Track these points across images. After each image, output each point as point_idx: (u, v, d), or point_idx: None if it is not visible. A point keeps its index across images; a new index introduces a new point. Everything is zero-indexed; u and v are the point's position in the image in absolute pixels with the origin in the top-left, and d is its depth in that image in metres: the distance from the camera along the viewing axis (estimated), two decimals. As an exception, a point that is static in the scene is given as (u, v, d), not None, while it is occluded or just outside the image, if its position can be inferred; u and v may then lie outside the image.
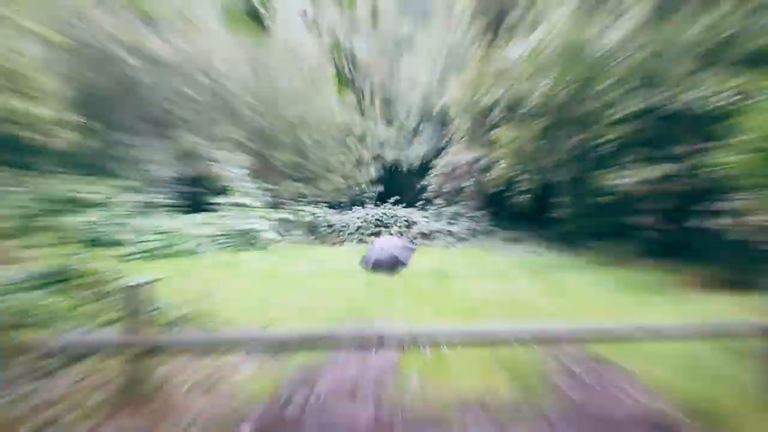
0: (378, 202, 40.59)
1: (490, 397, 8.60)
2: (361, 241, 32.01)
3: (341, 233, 35.15)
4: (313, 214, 35.72)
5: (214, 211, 30.51)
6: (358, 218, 36.83)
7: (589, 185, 23.74)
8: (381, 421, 7.72)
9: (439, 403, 8.32)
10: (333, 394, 8.92)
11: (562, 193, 26.81)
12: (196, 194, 31.58)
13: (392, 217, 37.16)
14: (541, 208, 29.38)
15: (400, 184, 41.97)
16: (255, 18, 7.73)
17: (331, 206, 38.03)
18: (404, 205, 39.53)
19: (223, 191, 31.83)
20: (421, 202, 39.54)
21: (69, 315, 10.61)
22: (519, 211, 31.03)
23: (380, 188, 41.85)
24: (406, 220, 36.59)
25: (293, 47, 35.75)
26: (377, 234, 33.03)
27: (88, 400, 7.49)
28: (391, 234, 32.73)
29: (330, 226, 35.61)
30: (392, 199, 40.28)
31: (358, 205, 39.47)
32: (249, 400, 8.46)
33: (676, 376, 9.31)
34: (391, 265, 21.38)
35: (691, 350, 9.98)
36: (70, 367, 8.52)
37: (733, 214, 13.53)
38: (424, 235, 34.25)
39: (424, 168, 40.39)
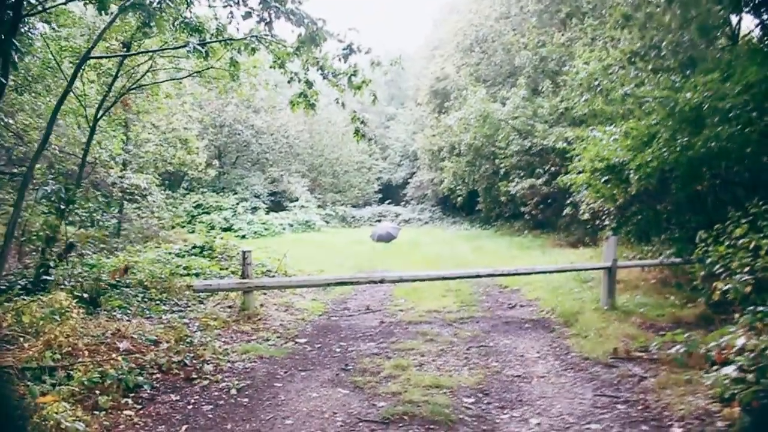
0: (379, 203, 40.58)
1: (444, 309, 8.53)
2: (370, 224, 31.92)
3: (359, 221, 35.15)
4: (344, 210, 35.65)
5: (290, 210, 30.53)
6: (369, 212, 36.81)
7: (495, 191, 23.71)
8: (384, 323, 7.65)
9: (416, 313, 8.24)
10: (356, 310, 8.84)
11: (480, 195, 26.78)
12: (279, 201, 31.53)
13: (387, 211, 37.16)
14: (470, 204, 29.35)
15: (391, 193, 41.90)
16: (308, 102, 7.66)
17: (354, 206, 38.02)
18: (394, 204, 39.50)
19: (294, 199, 31.85)
20: (403, 203, 39.47)
21: (210, 269, 10.57)
22: (457, 206, 31.01)
23: (380, 195, 41.80)
24: (395, 213, 36.58)
25: (331, 117, 35.94)
26: (379, 221, 32.92)
27: (222, 314, 7.44)
28: (387, 220, 32.64)
29: (353, 217, 35.61)
30: (387, 201, 40.34)
31: (368, 205, 39.48)
32: (310, 313, 8.39)
33: (544, 294, 9.24)
34: (387, 237, 21.34)
35: (553, 279, 9.92)
36: (211, 297, 8.47)
37: (573, 206, 13.48)
38: (405, 221, 34.24)
39: (404, 183, 40.38)
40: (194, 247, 12.45)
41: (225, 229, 23.88)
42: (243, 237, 23.76)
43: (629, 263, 9.18)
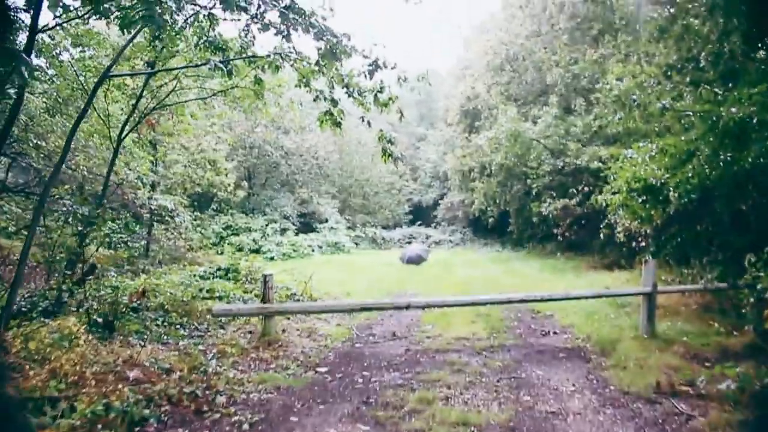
0: (410, 224, 40.27)
1: (473, 336, 8.15)
2: (400, 246, 31.61)
3: (389, 242, 34.75)
4: (374, 232, 35.32)
5: (319, 231, 30.43)
6: (399, 234, 36.46)
7: (527, 212, 23.19)
8: (410, 351, 7.32)
9: (444, 341, 7.89)
10: (382, 336, 8.51)
11: (512, 216, 26.29)
12: (309, 222, 31.46)
13: (418, 233, 36.78)
14: (501, 225, 28.78)
15: (422, 214, 41.55)
16: (334, 121, 7.44)
17: (384, 227, 37.67)
18: (425, 226, 39.14)
19: (323, 221, 31.77)
20: (434, 224, 39.06)
21: (234, 292, 10.37)
22: (488, 228, 30.44)
23: (410, 217, 41.48)
24: (426, 235, 36.18)
25: (361, 138, 36.00)
26: (409, 242, 32.63)
27: (241, 340, 7.22)
28: (417, 242, 32.30)
29: (383, 238, 35.19)
30: (417, 223, 40.02)
31: (398, 227, 39.14)
32: (333, 340, 8.10)
33: (579, 320, 8.82)
34: (417, 259, 21.14)
35: (588, 304, 9.46)
36: (232, 322, 8.25)
37: (609, 227, 13.01)
38: (436, 243, 33.80)
39: (435, 205, 39.96)
40: (219, 269, 12.28)
41: (254, 251, 23.76)
42: (272, 259, 23.61)
43: (670, 288, 8.69)
